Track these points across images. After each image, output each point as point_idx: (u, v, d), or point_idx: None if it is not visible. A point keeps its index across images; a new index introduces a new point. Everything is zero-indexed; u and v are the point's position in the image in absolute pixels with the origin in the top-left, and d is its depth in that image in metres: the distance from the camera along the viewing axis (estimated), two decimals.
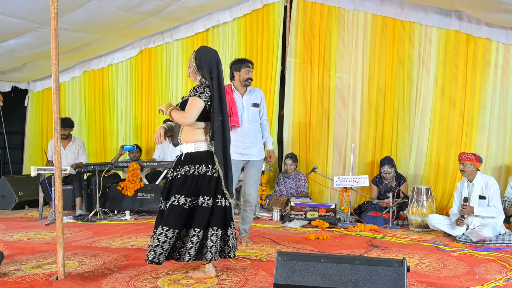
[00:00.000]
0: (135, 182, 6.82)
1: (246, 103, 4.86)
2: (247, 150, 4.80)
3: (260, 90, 5.08)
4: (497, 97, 6.49)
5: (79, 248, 4.67)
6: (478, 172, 5.26)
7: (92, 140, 9.12)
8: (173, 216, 3.47)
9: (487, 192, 5.16)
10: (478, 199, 5.16)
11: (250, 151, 4.81)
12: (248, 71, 4.86)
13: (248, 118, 4.84)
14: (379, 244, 4.88)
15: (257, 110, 4.92)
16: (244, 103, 4.86)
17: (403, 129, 6.99)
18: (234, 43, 8.01)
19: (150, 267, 3.90)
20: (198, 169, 3.56)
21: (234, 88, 4.90)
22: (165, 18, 7.54)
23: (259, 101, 4.96)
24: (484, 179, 5.23)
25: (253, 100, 4.90)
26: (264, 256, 4.32)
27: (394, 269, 2.78)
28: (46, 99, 9.44)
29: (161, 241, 3.42)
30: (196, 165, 3.56)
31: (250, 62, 4.93)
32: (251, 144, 4.82)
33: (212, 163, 3.59)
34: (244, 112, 4.84)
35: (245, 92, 4.92)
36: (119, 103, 8.93)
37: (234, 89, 4.90)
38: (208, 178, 3.56)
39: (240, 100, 4.86)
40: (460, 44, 6.64)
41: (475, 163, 5.21)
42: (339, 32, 7.33)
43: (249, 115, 4.85)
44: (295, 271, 2.90)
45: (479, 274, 3.82)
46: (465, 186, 5.31)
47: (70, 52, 7.97)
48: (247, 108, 4.85)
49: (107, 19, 6.87)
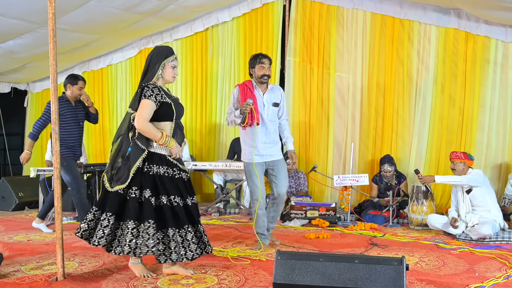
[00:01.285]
0: None
1: (266, 102, 4.62)
2: (267, 150, 4.59)
3: (280, 89, 4.81)
4: (497, 94, 6.50)
5: (79, 249, 4.67)
6: (470, 169, 5.32)
7: (91, 140, 9.13)
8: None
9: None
10: (467, 194, 5.24)
11: (271, 151, 4.61)
12: (262, 67, 4.57)
13: (267, 118, 4.60)
14: (379, 243, 4.88)
15: (276, 109, 4.68)
16: (264, 102, 4.61)
17: (402, 127, 7.00)
18: (234, 43, 8.01)
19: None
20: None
21: (254, 84, 4.64)
22: (164, 18, 7.55)
23: (279, 100, 4.71)
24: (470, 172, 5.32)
25: (274, 99, 4.66)
26: (264, 255, 4.33)
27: (393, 268, 2.78)
28: (45, 100, 9.43)
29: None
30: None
31: (265, 57, 4.62)
32: (271, 144, 4.62)
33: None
34: (265, 111, 4.59)
35: (265, 90, 4.66)
36: (119, 104, 8.94)
37: (255, 85, 4.64)
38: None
39: (260, 98, 4.60)
40: (459, 42, 6.65)
41: (465, 161, 5.28)
42: (338, 31, 7.33)
43: (269, 115, 4.61)
44: (294, 270, 2.90)
45: (479, 272, 3.82)
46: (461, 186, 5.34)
47: (69, 53, 7.97)
48: (268, 107, 4.61)
49: (106, 19, 6.87)
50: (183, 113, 3.76)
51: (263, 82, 4.60)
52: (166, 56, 3.64)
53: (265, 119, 4.58)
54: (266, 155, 4.59)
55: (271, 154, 4.61)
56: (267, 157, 4.60)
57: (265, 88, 4.65)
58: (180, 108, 3.71)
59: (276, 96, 4.67)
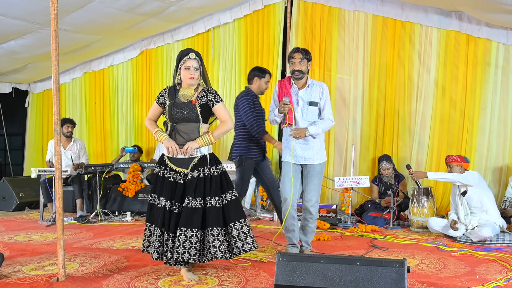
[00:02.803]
0: (136, 183, 6.82)
1: (301, 100, 4.25)
2: (301, 153, 4.26)
3: (322, 85, 4.32)
4: (498, 97, 6.50)
5: (79, 249, 4.67)
6: (467, 171, 5.33)
7: (92, 141, 9.13)
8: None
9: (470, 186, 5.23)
10: (462, 196, 5.23)
11: (305, 154, 4.26)
12: (292, 62, 4.22)
13: (302, 118, 4.23)
14: (380, 245, 4.88)
15: (315, 109, 4.26)
16: (299, 100, 4.25)
17: (403, 129, 7.00)
18: (235, 44, 8.02)
19: (150, 268, 3.91)
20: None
21: (293, 81, 4.30)
22: (165, 19, 7.56)
23: (318, 99, 4.26)
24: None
25: (310, 98, 4.24)
26: (265, 257, 4.33)
27: (394, 270, 2.79)
28: (46, 100, 9.47)
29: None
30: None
31: (297, 51, 4.24)
32: (306, 146, 4.26)
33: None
34: (298, 110, 4.24)
35: (303, 86, 4.28)
36: (120, 104, 8.94)
37: (293, 82, 4.30)
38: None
39: (295, 96, 4.25)
40: (461, 44, 6.65)
41: (461, 164, 5.30)
42: (339, 32, 7.34)
43: (304, 114, 4.23)
44: (295, 272, 2.90)
45: (479, 274, 3.82)
46: (457, 187, 5.36)
47: (71, 53, 7.98)
48: (303, 106, 4.24)
49: (108, 20, 6.88)
50: (181, 118, 3.61)
51: (296, 78, 4.25)
52: (180, 59, 3.69)
53: (298, 119, 4.24)
54: (300, 157, 4.28)
55: (305, 157, 4.28)
56: (301, 159, 4.29)
57: (302, 85, 4.29)
58: (175, 112, 3.61)
59: (315, 94, 4.26)
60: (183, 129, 3.65)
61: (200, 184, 3.61)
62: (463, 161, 5.31)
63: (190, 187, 3.60)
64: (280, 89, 4.30)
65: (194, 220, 3.53)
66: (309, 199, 4.28)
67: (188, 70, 3.64)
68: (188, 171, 3.63)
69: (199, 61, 3.69)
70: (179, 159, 3.65)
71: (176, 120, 3.64)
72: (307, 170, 4.31)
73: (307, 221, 4.36)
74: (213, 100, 3.68)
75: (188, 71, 3.63)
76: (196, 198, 3.58)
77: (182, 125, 3.65)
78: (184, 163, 3.65)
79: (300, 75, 4.22)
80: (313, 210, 4.29)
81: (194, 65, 3.64)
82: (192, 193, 3.58)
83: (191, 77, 3.64)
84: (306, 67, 4.24)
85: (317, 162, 4.28)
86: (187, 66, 3.63)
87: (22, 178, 8.26)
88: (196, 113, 3.62)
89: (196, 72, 3.66)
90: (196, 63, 3.66)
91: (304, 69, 4.22)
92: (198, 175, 3.63)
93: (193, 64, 3.64)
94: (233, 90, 8.03)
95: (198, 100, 3.64)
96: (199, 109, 3.63)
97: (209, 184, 3.64)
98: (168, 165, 3.69)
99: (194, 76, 3.65)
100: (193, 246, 3.49)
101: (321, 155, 4.32)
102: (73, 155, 6.95)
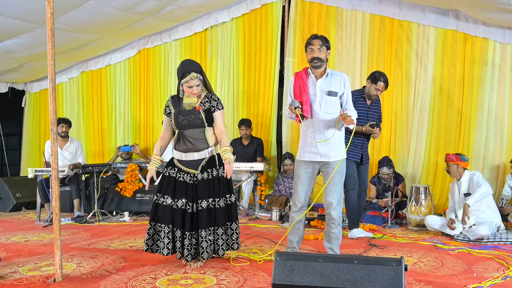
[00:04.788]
0: (134, 183, 6.82)
1: (319, 90, 3.97)
2: (318, 148, 3.96)
3: (342, 75, 4.05)
4: (494, 95, 6.51)
5: (77, 250, 4.67)
6: (466, 170, 5.35)
7: (90, 141, 9.12)
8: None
9: (473, 187, 5.21)
10: (464, 197, 5.23)
11: (322, 150, 3.95)
12: (311, 49, 3.96)
13: (320, 109, 3.95)
14: (378, 244, 4.89)
15: (334, 100, 3.96)
16: (317, 90, 3.98)
17: (401, 128, 7.01)
18: (233, 43, 8.01)
19: (148, 268, 3.90)
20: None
21: (310, 71, 4.05)
22: (163, 18, 7.55)
23: (338, 88, 3.98)
24: (470, 176, 5.31)
25: (329, 87, 3.96)
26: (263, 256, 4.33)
27: (392, 268, 2.78)
28: (43, 100, 9.45)
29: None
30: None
31: (316, 38, 4.00)
32: (323, 141, 3.95)
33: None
34: (316, 101, 3.95)
35: (321, 75, 4.01)
36: (117, 104, 8.93)
37: (310, 72, 4.04)
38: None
39: (313, 86, 4.00)
40: (458, 43, 6.66)
41: (458, 163, 5.32)
42: (337, 31, 7.34)
43: (322, 105, 3.94)
44: (293, 271, 2.90)
45: (477, 272, 3.83)
46: (456, 186, 5.41)
47: (68, 53, 7.97)
48: (321, 96, 3.95)
49: (105, 19, 6.87)
50: (187, 124, 3.90)
51: (314, 66, 3.97)
52: (181, 77, 3.86)
53: (316, 111, 3.95)
54: (315, 154, 3.98)
55: (322, 154, 3.96)
56: (316, 156, 3.97)
57: (320, 74, 4.01)
58: (181, 119, 3.89)
59: (335, 84, 3.98)
60: (190, 134, 3.92)
61: (210, 186, 3.92)
62: (459, 160, 5.33)
63: (204, 189, 3.90)
64: (296, 81, 4.04)
65: (211, 220, 3.90)
66: (329, 202, 3.95)
67: (190, 89, 3.86)
68: (198, 172, 3.91)
69: (201, 76, 3.89)
70: (189, 160, 3.93)
71: (183, 127, 3.92)
72: (324, 169, 4.01)
73: (330, 226, 4.00)
74: (215, 106, 3.96)
75: (191, 89, 3.86)
76: (209, 199, 3.90)
77: (188, 131, 3.92)
78: (193, 165, 3.93)
79: (319, 63, 3.95)
80: (334, 214, 3.94)
81: (196, 84, 3.86)
82: (206, 195, 3.89)
83: (194, 94, 3.88)
84: (325, 55, 3.97)
85: (334, 160, 3.95)
86: (189, 85, 3.85)
87: (19, 178, 8.24)
88: (201, 118, 3.90)
89: (198, 87, 3.88)
90: (198, 81, 3.86)
91: (323, 57, 3.96)
92: (208, 176, 3.93)
93: (195, 84, 3.85)
94: (231, 89, 8.03)
95: (202, 106, 3.92)
96: (204, 115, 3.90)
97: (218, 186, 3.94)
98: (178, 167, 3.95)
99: (197, 92, 3.89)
100: (212, 243, 3.91)
101: (339, 152, 3.99)
102: (70, 155, 6.94)
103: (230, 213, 4.01)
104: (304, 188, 4.05)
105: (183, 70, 3.86)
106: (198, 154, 3.92)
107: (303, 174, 4.05)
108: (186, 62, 3.96)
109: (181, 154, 3.94)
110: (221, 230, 3.93)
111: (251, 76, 7.92)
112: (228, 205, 4.00)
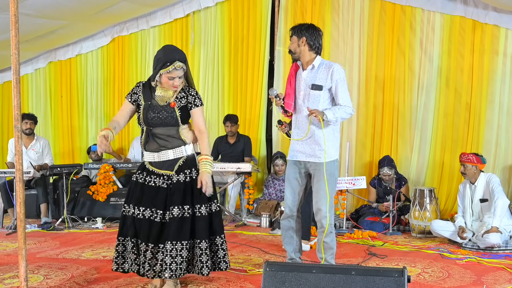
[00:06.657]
0: (107, 186, 6.79)
1: (303, 83, 3.96)
2: (301, 146, 3.97)
3: (332, 66, 3.96)
4: (506, 89, 6.56)
5: (44, 260, 4.64)
6: (482, 173, 5.31)
7: (58, 139, 9.05)
8: None
9: (488, 193, 5.20)
10: (480, 203, 5.22)
11: (307, 149, 3.94)
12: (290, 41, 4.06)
13: (303, 104, 3.94)
14: (378, 252, 4.91)
15: (319, 94, 3.90)
16: (301, 83, 3.99)
17: (403, 125, 7.04)
18: (217, 31, 8.00)
19: (123, 280, 3.88)
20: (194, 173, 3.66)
21: (300, 62, 4.09)
22: (139, 3, 7.51)
23: (324, 82, 3.92)
24: (486, 179, 5.27)
25: (314, 80, 3.93)
26: (251, 266, 4.33)
27: (393, 280, 2.79)
28: (6, 93, 9.35)
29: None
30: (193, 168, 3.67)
31: (291, 29, 4.13)
32: (306, 139, 3.92)
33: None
34: (300, 95, 3.97)
35: (306, 67, 4.01)
36: (89, 98, 8.87)
37: (300, 63, 4.08)
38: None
39: (299, 78, 4.02)
40: (466, 31, 6.70)
41: (477, 165, 5.25)
42: (333, 18, 7.35)
43: (305, 101, 3.94)
44: (284, 283, 2.90)
45: (486, 283, 3.86)
46: (468, 189, 5.36)
47: (34, 41, 7.90)
48: (304, 90, 3.95)
49: (75, 3, 6.81)
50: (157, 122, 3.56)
51: (293, 59, 4.07)
52: (163, 65, 3.47)
53: (299, 106, 3.96)
54: (300, 152, 3.99)
55: (308, 153, 3.95)
56: (301, 155, 3.98)
57: (306, 66, 4.02)
58: (151, 116, 3.55)
59: (320, 77, 3.94)
60: (160, 132, 3.60)
61: (187, 190, 3.57)
62: (479, 162, 5.24)
63: (177, 194, 3.55)
64: (290, 72, 4.11)
65: (184, 231, 3.52)
66: (317, 209, 3.92)
67: (171, 81, 3.51)
68: (173, 173, 3.59)
69: (185, 67, 3.56)
70: (162, 161, 3.60)
71: (152, 125, 3.59)
72: (313, 171, 3.97)
73: (320, 235, 3.97)
74: (192, 103, 3.61)
75: (172, 81, 3.51)
76: (184, 206, 3.54)
77: (159, 129, 3.59)
78: (168, 165, 3.60)
79: (293, 55, 4.02)
80: (324, 222, 3.88)
81: (179, 75, 3.52)
82: (179, 201, 3.54)
83: (174, 86, 3.54)
84: (296, 45, 3.99)
85: (321, 161, 3.88)
86: (171, 76, 3.49)
87: None
88: (176, 117, 3.57)
89: (180, 79, 3.55)
90: (181, 72, 3.53)
91: (294, 48, 3.99)
92: (185, 178, 3.58)
93: (178, 75, 3.51)
94: (215, 81, 8.02)
95: (177, 102, 3.58)
96: (179, 113, 3.57)
97: (197, 189, 3.56)
98: (149, 169, 3.63)
99: (178, 85, 3.56)
100: (184, 260, 3.51)
101: (329, 153, 3.90)
102: (36, 155, 6.88)
103: (213, 225, 3.65)
104: (292, 190, 4.05)
105: (166, 58, 3.47)
106: (174, 152, 3.59)
107: (290, 174, 4.07)
108: (170, 49, 3.60)
109: (153, 155, 3.60)
110: (205, 244, 3.56)
111: (237, 67, 7.91)
112: (210, 214, 3.64)
